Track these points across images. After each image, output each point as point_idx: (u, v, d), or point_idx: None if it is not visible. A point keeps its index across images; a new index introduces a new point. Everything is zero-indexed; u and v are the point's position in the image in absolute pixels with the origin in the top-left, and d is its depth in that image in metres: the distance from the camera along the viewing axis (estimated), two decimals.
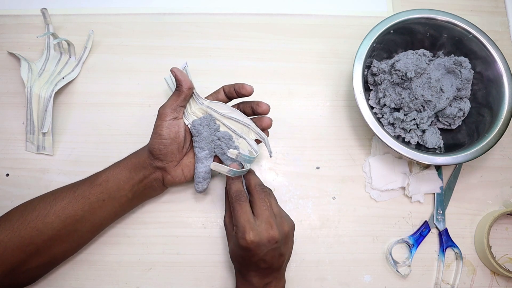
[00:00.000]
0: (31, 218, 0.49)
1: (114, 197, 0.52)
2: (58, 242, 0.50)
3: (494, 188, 0.62)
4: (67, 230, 0.50)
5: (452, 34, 0.61)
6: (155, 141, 0.51)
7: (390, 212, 0.60)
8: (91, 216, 0.51)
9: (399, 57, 0.60)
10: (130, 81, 0.65)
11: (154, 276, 0.57)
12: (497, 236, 0.60)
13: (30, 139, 0.61)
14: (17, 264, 0.48)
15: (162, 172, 0.53)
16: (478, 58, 0.61)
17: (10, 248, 0.48)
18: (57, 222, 0.49)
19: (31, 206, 0.50)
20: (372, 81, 0.63)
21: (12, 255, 0.48)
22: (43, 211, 0.49)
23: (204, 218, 0.59)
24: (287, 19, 0.69)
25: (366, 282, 0.58)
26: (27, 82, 0.61)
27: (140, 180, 0.53)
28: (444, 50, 0.63)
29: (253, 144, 0.54)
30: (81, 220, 0.51)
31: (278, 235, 0.48)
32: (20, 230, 0.48)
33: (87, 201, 0.50)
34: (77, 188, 0.51)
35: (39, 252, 0.49)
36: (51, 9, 0.66)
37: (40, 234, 0.49)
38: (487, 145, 0.55)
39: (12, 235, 0.48)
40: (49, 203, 0.50)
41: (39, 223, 0.49)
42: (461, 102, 0.61)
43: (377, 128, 0.55)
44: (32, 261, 0.50)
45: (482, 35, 0.60)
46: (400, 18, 0.60)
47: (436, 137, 0.60)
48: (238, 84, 0.53)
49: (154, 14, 0.69)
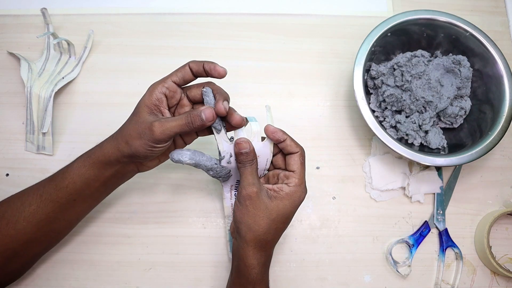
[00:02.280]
0: (1, 226, 0.47)
1: (86, 195, 0.49)
2: (36, 243, 0.49)
3: (494, 188, 0.62)
4: (42, 231, 0.48)
5: (449, 33, 0.61)
6: (143, 148, 0.45)
7: (390, 212, 0.60)
8: (64, 215, 0.49)
9: (398, 59, 0.60)
10: (130, 81, 0.65)
11: (154, 276, 0.57)
12: (497, 236, 0.60)
13: (30, 139, 0.61)
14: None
15: (136, 164, 0.50)
16: (476, 55, 0.61)
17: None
18: (29, 227, 0.47)
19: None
20: (372, 84, 0.63)
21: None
22: (12, 219, 0.47)
23: (204, 218, 0.59)
24: (287, 19, 0.69)
25: (366, 282, 0.58)
26: (27, 82, 0.61)
27: (112, 175, 0.49)
28: (441, 49, 0.63)
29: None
30: (54, 221, 0.49)
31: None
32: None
33: (56, 204, 0.48)
34: (43, 191, 0.48)
35: (19, 255, 0.48)
36: (51, 9, 0.66)
37: (14, 239, 0.47)
38: (491, 143, 0.56)
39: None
40: (17, 210, 0.47)
41: (10, 230, 0.47)
42: (462, 100, 0.61)
43: (377, 129, 0.55)
44: (12, 263, 0.49)
45: (479, 33, 0.60)
46: (396, 21, 0.60)
47: (439, 137, 0.60)
48: (208, 63, 0.47)
49: (154, 14, 0.69)
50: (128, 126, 0.47)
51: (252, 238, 0.46)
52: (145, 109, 0.46)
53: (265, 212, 0.46)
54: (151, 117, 0.46)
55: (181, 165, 0.61)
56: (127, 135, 0.46)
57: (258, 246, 0.46)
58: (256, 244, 0.46)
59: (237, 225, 0.47)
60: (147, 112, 0.46)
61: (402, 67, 0.60)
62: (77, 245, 0.57)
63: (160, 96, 0.47)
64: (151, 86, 0.48)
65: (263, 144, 0.48)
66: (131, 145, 0.46)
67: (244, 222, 0.46)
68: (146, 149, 0.46)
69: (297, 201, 0.47)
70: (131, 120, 0.48)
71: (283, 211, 0.46)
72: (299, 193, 0.47)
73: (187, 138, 0.52)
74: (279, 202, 0.46)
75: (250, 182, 0.46)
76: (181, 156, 0.46)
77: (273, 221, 0.46)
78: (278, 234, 0.48)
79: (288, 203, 0.46)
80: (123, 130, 0.48)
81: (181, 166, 0.61)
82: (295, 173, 0.47)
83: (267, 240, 0.46)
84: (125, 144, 0.46)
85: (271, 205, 0.46)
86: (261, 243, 0.46)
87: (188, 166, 0.61)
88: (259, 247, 0.46)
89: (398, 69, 0.60)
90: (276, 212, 0.46)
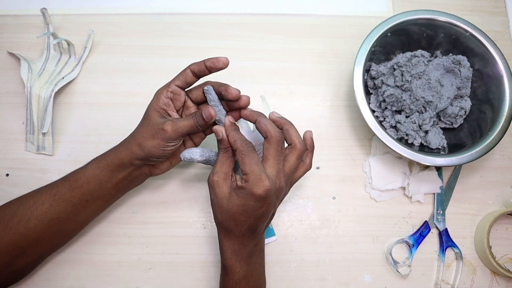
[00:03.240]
0: (12, 224, 0.47)
1: (98, 196, 0.50)
2: (45, 242, 0.50)
3: (494, 188, 0.62)
4: (52, 231, 0.49)
5: (449, 33, 0.61)
6: (156, 148, 0.48)
7: (390, 212, 0.60)
8: (75, 216, 0.50)
9: (398, 59, 0.60)
10: (130, 81, 0.65)
11: (154, 276, 0.57)
12: (497, 236, 0.60)
13: (30, 139, 0.61)
14: (4, 266, 0.48)
15: (149, 167, 0.52)
16: (476, 55, 0.61)
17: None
18: (40, 226, 0.48)
19: (10, 211, 0.49)
20: (372, 84, 0.63)
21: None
22: (24, 217, 0.48)
23: (204, 218, 0.59)
24: (287, 19, 0.69)
25: (366, 282, 0.58)
26: (27, 82, 0.61)
27: (125, 177, 0.51)
28: (441, 49, 0.63)
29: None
30: (65, 221, 0.50)
31: (284, 186, 0.46)
32: (3, 236, 0.47)
33: (69, 203, 0.49)
34: (57, 191, 0.49)
35: (26, 253, 0.49)
36: (51, 9, 0.66)
37: (24, 238, 0.48)
38: (491, 143, 0.56)
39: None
40: (29, 208, 0.48)
41: (21, 228, 0.47)
42: (462, 100, 0.61)
43: (377, 128, 0.55)
44: (19, 261, 0.49)
45: (479, 33, 0.60)
46: (396, 21, 0.60)
47: (439, 137, 0.60)
48: (209, 59, 0.49)
49: (154, 14, 0.69)
50: (140, 129, 0.50)
51: (217, 223, 0.47)
52: (155, 113, 0.49)
53: (224, 201, 0.44)
54: (162, 119, 0.49)
55: (181, 165, 0.62)
56: (140, 137, 0.49)
57: (226, 234, 0.47)
58: (222, 231, 0.47)
59: None
60: (157, 116, 0.49)
61: (402, 67, 0.60)
62: (77, 245, 0.57)
63: (166, 100, 0.50)
64: (157, 92, 0.51)
65: (257, 132, 0.49)
66: (144, 146, 0.48)
67: (212, 208, 0.47)
68: (159, 148, 0.48)
69: (262, 195, 0.43)
70: (142, 124, 0.50)
71: (239, 204, 0.44)
72: (262, 187, 0.42)
73: (196, 138, 0.54)
74: (238, 193, 0.44)
75: (214, 170, 0.46)
76: (192, 154, 0.48)
77: (230, 212, 0.44)
78: (241, 226, 0.45)
79: (243, 196, 0.43)
80: (135, 134, 0.50)
81: (181, 166, 0.61)
82: (263, 162, 0.45)
83: (229, 228, 0.46)
84: (138, 147, 0.49)
85: (231, 196, 0.44)
86: (226, 231, 0.47)
87: (190, 166, 0.62)
88: (225, 233, 0.47)
89: (398, 69, 0.60)
90: (232, 204, 0.44)
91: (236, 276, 0.47)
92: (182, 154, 0.48)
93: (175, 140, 0.48)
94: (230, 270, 0.48)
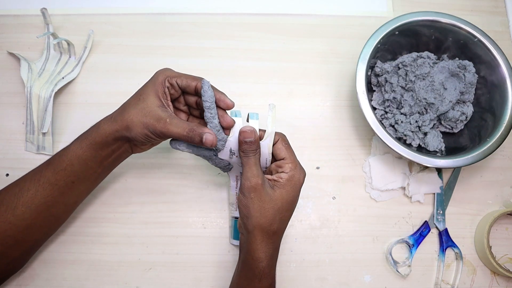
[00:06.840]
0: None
1: (83, 177, 0.50)
2: (36, 229, 0.49)
3: (494, 188, 0.62)
4: (41, 216, 0.49)
5: (457, 37, 0.61)
6: (143, 137, 0.47)
7: (390, 212, 0.60)
8: (63, 199, 0.49)
9: (403, 58, 0.60)
10: (130, 81, 0.65)
11: (154, 276, 0.57)
12: (497, 236, 0.60)
13: (30, 139, 0.61)
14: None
15: (131, 145, 0.51)
16: (483, 62, 0.60)
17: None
18: (28, 212, 0.47)
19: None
20: (376, 82, 0.63)
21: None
22: (10, 204, 0.47)
23: (204, 218, 0.59)
24: (287, 19, 0.69)
25: (366, 282, 0.58)
26: (27, 82, 0.61)
27: (108, 155, 0.50)
28: (449, 53, 0.63)
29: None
30: (54, 205, 0.49)
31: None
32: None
33: (55, 187, 0.48)
34: (41, 175, 0.48)
35: (19, 242, 0.49)
36: (51, 9, 0.66)
37: (13, 226, 0.47)
38: (488, 149, 0.55)
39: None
40: (15, 196, 0.48)
41: (9, 216, 0.47)
42: (464, 106, 0.61)
43: (378, 128, 0.55)
44: (13, 251, 0.49)
45: (487, 40, 0.59)
46: (405, 20, 0.59)
47: (438, 140, 0.60)
48: (219, 92, 0.48)
49: (154, 14, 0.69)
50: (132, 111, 0.47)
51: (259, 231, 0.46)
52: (155, 100, 0.47)
53: (271, 203, 0.46)
54: (159, 109, 0.47)
55: (181, 165, 0.62)
56: (129, 120, 0.47)
57: (266, 238, 0.46)
58: (264, 237, 0.46)
59: (243, 220, 0.47)
60: (156, 105, 0.47)
61: (406, 66, 0.59)
62: (77, 245, 0.57)
63: (166, 90, 0.48)
64: (158, 75, 0.49)
65: (262, 143, 0.48)
66: (132, 130, 0.47)
67: (251, 216, 0.46)
68: (146, 139, 0.47)
69: (298, 184, 0.47)
70: (136, 106, 0.47)
71: (287, 198, 0.47)
72: (297, 175, 0.47)
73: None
74: (282, 190, 0.46)
75: (254, 174, 0.46)
76: (178, 145, 0.49)
77: (278, 210, 0.46)
78: (284, 223, 0.48)
79: (291, 189, 0.47)
80: (124, 114, 0.48)
81: (181, 166, 0.61)
82: (286, 159, 0.48)
83: (274, 231, 0.46)
84: (125, 128, 0.47)
85: (275, 195, 0.46)
86: (268, 235, 0.46)
87: (190, 165, 0.62)
88: (267, 239, 0.46)
89: (402, 68, 0.60)
90: (280, 201, 0.46)
91: (268, 282, 0.47)
92: (171, 142, 0.49)
93: (163, 139, 0.49)
94: (264, 277, 0.47)
